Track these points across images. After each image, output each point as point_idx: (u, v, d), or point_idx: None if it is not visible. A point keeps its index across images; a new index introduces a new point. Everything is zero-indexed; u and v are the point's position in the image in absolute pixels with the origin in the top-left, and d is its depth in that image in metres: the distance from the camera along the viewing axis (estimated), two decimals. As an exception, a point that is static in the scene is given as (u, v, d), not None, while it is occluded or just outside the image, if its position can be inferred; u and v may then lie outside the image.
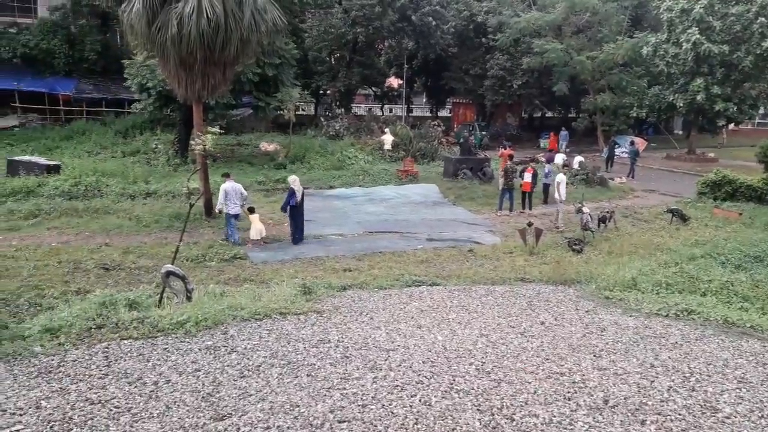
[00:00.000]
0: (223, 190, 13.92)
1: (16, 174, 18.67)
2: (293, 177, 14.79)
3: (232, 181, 14.19)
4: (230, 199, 13.84)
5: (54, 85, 31.66)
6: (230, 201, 13.83)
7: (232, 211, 13.88)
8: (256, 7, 13.79)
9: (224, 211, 13.94)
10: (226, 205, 13.82)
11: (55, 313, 7.79)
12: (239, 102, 25.97)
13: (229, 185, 13.98)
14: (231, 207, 13.84)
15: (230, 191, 13.88)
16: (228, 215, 13.93)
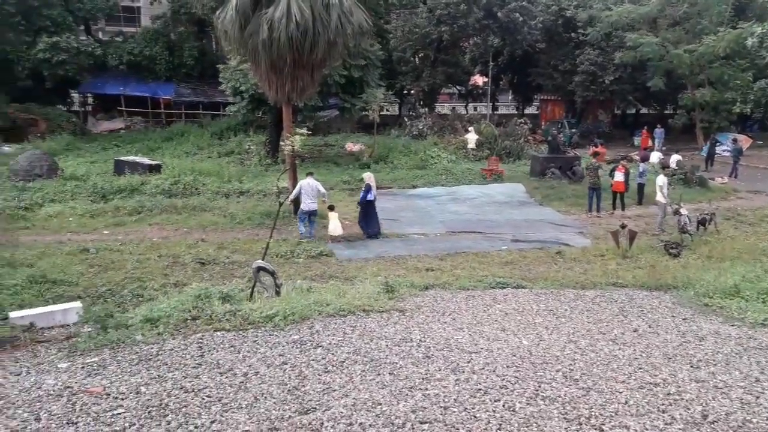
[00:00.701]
0: (299, 185, 14.36)
1: (122, 173, 20.01)
2: (368, 173, 15.05)
3: (311, 179, 14.55)
4: (307, 195, 14.19)
5: (156, 89, 33.66)
6: (306, 197, 14.19)
7: (305, 207, 14.23)
8: (343, 10, 14.03)
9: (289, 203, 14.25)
10: (303, 202, 14.18)
11: (155, 304, 8.29)
12: (326, 104, 26.54)
13: (306, 182, 14.37)
14: (306, 203, 14.19)
15: (306, 188, 14.26)
16: (301, 211, 14.32)
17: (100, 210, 16.33)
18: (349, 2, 14.26)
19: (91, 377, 5.52)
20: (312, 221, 14.44)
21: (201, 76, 34.33)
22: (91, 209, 16.36)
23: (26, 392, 5.22)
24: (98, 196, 17.64)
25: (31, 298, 9.22)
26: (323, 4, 13.77)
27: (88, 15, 33.99)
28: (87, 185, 18.54)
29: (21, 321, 8.06)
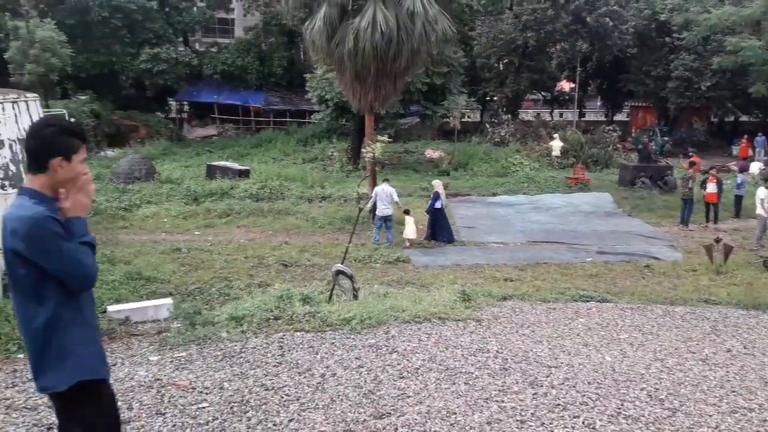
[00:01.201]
0: (375, 192, 14.52)
1: (213, 177, 21.03)
2: (437, 181, 15.23)
3: (386, 185, 14.74)
4: (382, 201, 14.36)
5: (247, 98, 35.13)
6: (381, 203, 14.36)
7: (380, 213, 14.41)
8: (428, 19, 14.13)
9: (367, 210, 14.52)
10: (378, 208, 14.39)
11: (240, 303, 8.63)
12: (407, 111, 26.73)
13: (381, 188, 14.57)
14: (381, 209, 14.37)
15: (381, 194, 14.45)
16: (377, 217, 14.49)
17: (192, 212, 17.22)
18: (434, 11, 14.33)
19: (179, 371, 5.82)
20: (388, 227, 14.60)
21: (289, 85, 35.49)
22: (184, 211, 17.29)
23: (120, 382, 5.57)
24: (191, 198, 18.62)
25: (127, 293, 9.82)
26: (408, 13, 13.93)
27: (187, 27, 36.04)
28: (181, 188, 19.62)
29: (117, 315, 8.62)
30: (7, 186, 9.17)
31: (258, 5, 34.13)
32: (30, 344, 2.69)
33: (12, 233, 2.53)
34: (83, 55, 30.19)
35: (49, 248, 2.53)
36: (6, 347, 7.34)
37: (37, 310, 2.62)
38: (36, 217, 2.52)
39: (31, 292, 2.61)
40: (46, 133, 2.65)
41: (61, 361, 2.67)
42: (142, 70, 31.67)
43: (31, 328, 2.65)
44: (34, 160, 2.66)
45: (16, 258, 2.56)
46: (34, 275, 2.57)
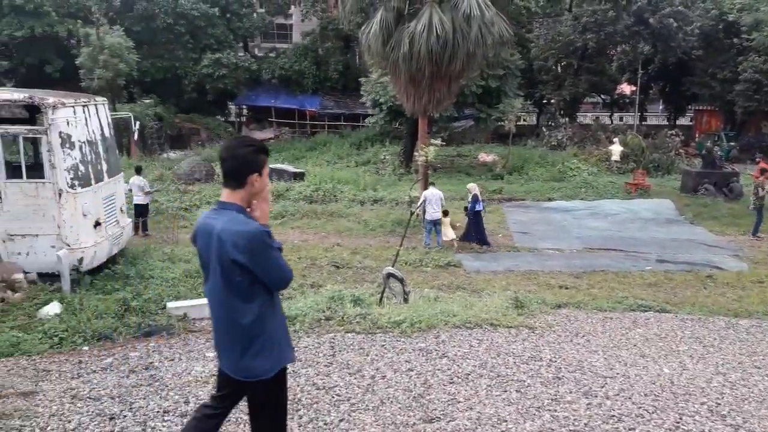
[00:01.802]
0: (424, 195, 14.49)
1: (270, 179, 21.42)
2: (473, 184, 15.10)
3: (434, 188, 14.70)
4: (431, 205, 14.31)
5: (303, 102, 35.74)
6: (430, 206, 14.30)
7: (429, 217, 14.35)
8: (484, 21, 14.02)
9: (420, 216, 14.48)
10: (425, 211, 14.34)
11: (293, 302, 8.77)
12: (461, 114, 26.59)
13: (430, 192, 14.50)
14: (430, 213, 14.31)
15: (430, 197, 14.37)
16: (426, 221, 14.45)
17: (249, 213, 17.64)
18: (491, 13, 14.22)
19: (234, 367, 5.97)
20: (438, 230, 14.58)
21: (344, 89, 35.89)
22: (241, 212, 17.74)
23: (178, 377, 5.77)
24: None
25: (186, 291, 10.12)
26: (464, 16, 13.86)
27: (247, 33, 36.99)
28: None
29: (176, 311, 8.91)
30: (76, 186, 9.63)
31: (315, 11, 34.68)
32: (238, 338, 3.06)
33: (234, 246, 2.89)
34: (149, 61, 31.42)
35: (264, 259, 2.94)
36: (72, 339, 7.73)
37: (247, 309, 3.01)
38: (254, 232, 2.91)
39: (243, 294, 2.99)
40: (244, 153, 3.01)
41: (268, 352, 3.08)
42: (203, 75, 32.68)
43: (239, 324, 3.03)
44: (234, 177, 3.01)
45: (235, 267, 2.92)
46: (249, 280, 2.96)
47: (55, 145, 9.30)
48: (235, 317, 3.03)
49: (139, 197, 14.90)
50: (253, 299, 3.01)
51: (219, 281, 3.01)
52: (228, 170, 3.03)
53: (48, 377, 6.14)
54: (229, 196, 3.03)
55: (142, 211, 14.99)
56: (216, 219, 3.00)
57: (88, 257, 9.72)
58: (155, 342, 7.61)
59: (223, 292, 3.02)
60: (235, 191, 3.02)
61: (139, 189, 14.92)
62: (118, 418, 4.71)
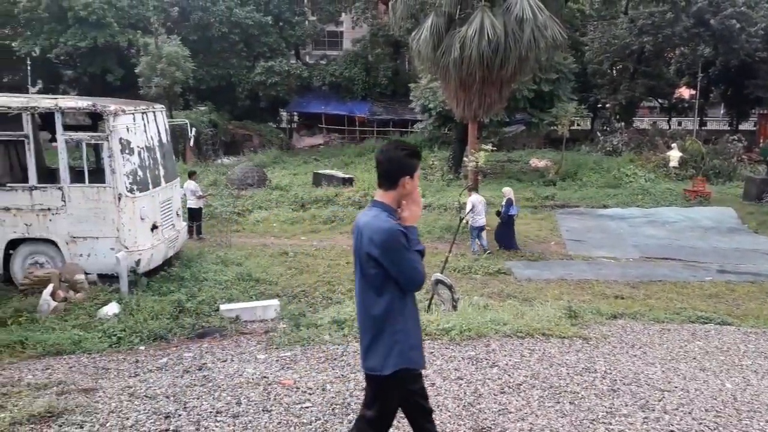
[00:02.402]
0: (470, 202, 14.35)
1: (319, 185, 21.72)
2: (508, 188, 14.97)
3: (478, 195, 14.60)
4: (477, 212, 14.20)
5: (352, 108, 36.05)
6: (477, 213, 14.20)
7: (477, 224, 14.27)
8: (537, 25, 13.82)
9: (470, 223, 14.39)
10: (473, 218, 14.23)
11: (342, 307, 8.82)
12: (512, 119, 26.22)
13: (476, 198, 14.38)
14: (477, 219, 14.23)
15: (477, 204, 14.25)
16: (473, 227, 14.37)
17: (299, 218, 17.86)
18: (544, 16, 13.99)
19: (284, 370, 6.03)
20: (481, 236, 14.49)
21: (393, 94, 36.02)
22: (292, 217, 17.97)
23: (230, 378, 5.86)
24: (298, 205, 19.32)
25: (238, 293, 10.34)
26: (516, 19, 13.69)
27: (298, 41, 37.62)
28: (289, 195, 20.43)
29: (229, 313, 9.10)
30: (135, 190, 9.96)
31: (366, 17, 34.97)
32: (368, 329, 3.22)
33: (370, 240, 3.09)
34: (204, 69, 32.33)
35: (397, 258, 3.10)
36: (130, 339, 7.99)
37: (377, 301, 3.16)
38: (391, 230, 3.09)
39: (376, 287, 3.16)
40: (399, 156, 3.22)
41: (389, 348, 3.17)
42: (256, 82, 33.38)
43: (370, 315, 3.20)
44: (387, 178, 3.23)
45: (370, 260, 3.12)
46: (382, 275, 3.12)
47: (116, 151, 9.66)
48: (367, 309, 3.21)
49: (192, 201, 15.30)
50: (383, 293, 3.15)
51: (358, 272, 3.23)
52: (382, 172, 3.25)
53: (107, 375, 6.36)
54: (381, 195, 3.25)
55: (196, 215, 15.38)
56: (365, 215, 3.25)
57: (145, 260, 10.04)
58: (208, 343, 7.78)
59: (360, 283, 3.24)
60: (387, 192, 3.23)
61: (192, 193, 15.33)
62: (173, 417, 4.82)
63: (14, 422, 4.73)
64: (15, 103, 9.76)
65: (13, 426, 4.68)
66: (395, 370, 3.17)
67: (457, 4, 14.47)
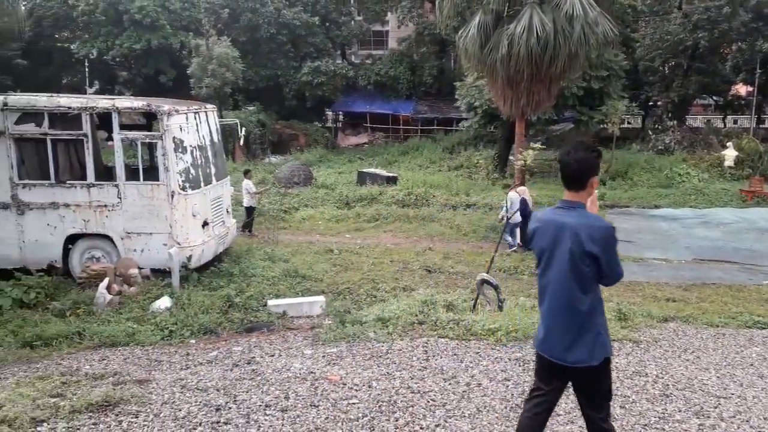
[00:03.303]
0: (509, 199, 14.28)
1: (364, 183, 21.84)
2: (523, 188, 14.99)
3: (514, 192, 14.51)
4: (513, 209, 14.21)
5: (397, 107, 36.09)
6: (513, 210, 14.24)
7: (514, 220, 14.23)
8: (587, 21, 13.54)
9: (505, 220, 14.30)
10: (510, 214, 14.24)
11: (386, 305, 8.85)
12: (561, 117, 25.77)
13: (514, 195, 14.31)
14: (514, 216, 14.21)
15: (516, 202, 14.19)
16: (511, 224, 14.30)
17: (344, 216, 18.01)
18: (595, 13, 13.70)
19: (331, 366, 6.10)
20: (514, 233, 14.52)
21: (438, 93, 35.89)
22: (337, 215, 18.13)
23: (278, 372, 5.97)
24: (343, 203, 19.47)
25: (285, 289, 10.49)
26: (566, 16, 13.45)
27: (345, 41, 37.91)
28: (334, 193, 20.61)
29: (276, 309, 9.26)
30: (187, 188, 10.23)
31: (412, 16, 34.93)
32: (572, 324, 3.41)
33: (590, 238, 3.28)
34: (252, 69, 32.92)
35: (614, 252, 3.35)
36: (181, 332, 8.21)
37: (583, 298, 3.37)
38: (609, 227, 3.34)
39: (584, 284, 3.36)
40: (589, 158, 3.40)
41: (593, 341, 3.40)
42: (303, 82, 33.79)
43: (577, 311, 3.39)
44: (579, 180, 3.41)
45: (586, 257, 3.30)
46: (593, 271, 3.34)
47: (169, 150, 9.94)
48: (573, 305, 3.39)
49: (246, 199, 15.63)
50: (589, 290, 3.37)
51: (565, 270, 3.37)
52: (572, 174, 3.42)
53: (159, 367, 6.56)
54: (573, 196, 3.43)
55: (249, 212, 15.67)
56: (565, 215, 3.40)
57: (197, 255, 10.30)
58: (256, 338, 7.94)
59: (567, 280, 3.38)
60: (578, 192, 3.42)
61: (246, 191, 15.65)
62: (224, 410, 4.94)
63: (74, 410, 4.93)
64: (75, 104, 10.15)
65: (72, 414, 4.89)
66: (601, 360, 3.42)
67: (506, 2, 14.32)
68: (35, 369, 6.69)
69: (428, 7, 36.55)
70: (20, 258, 10.18)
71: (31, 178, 10.20)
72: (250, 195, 15.70)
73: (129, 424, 4.72)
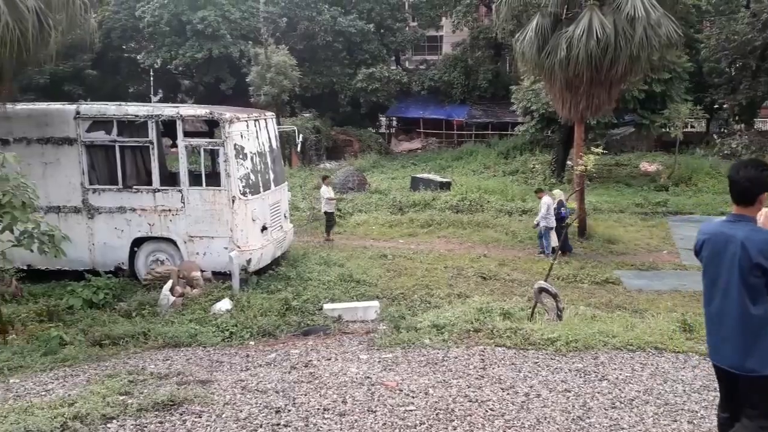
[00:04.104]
0: (544, 204, 14.21)
1: (417, 189, 21.83)
2: (559, 191, 15.03)
3: (549, 196, 14.56)
4: (551, 213, 14.13)
5: (450, 112, 35.92)
6: (550, 215, 14.14)
7: (549, 224, 14.19)
8: (649, 23, 13.13)
9: (541, 225, 14.33)
10: (546, 219, 14.16)
11: (441, 312, 8.80)
12: (621, 120, 25.07)
13: (549, 200, 14.31)
14: (549, 220, 14.17)
15: (551, 205, 14.16)
16: (547, 228, 14.23)
17: (397, 221, 18.05)
18: (658, 14, 13.27)
19: (386, 371, 6.11)
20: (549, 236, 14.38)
21: (492, 97, 35.53)
22: (390, 220, 18.19)
23: (335, 376, 6.02)
24: (396, 208, 19.52)
25: (340, 293, 10.61)
26: (627, 18, 13.09)
27: (399, 47, 38.07)
28: (388, 198, 20.69)
29: (332, 313, 9.37)
30: (247, 193, 10.49)
31: (467, 21, 34.75)
32: (745, 334, 3.46)
33: (760, 252, 3.35)
34: (308, 77, 33.47)
35: None
36: (241, 334, 8.41)
37: (755, 309, 3.42)
38: None
39: (754, 295, 3.41)
40: (760, 175, 3.47)
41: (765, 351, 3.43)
42: (357, 89, 34.12)
43: (749, 321, 3.44)
44: (747, 196, 3.50)
45: (756, 269, 3.37)
46: (763, 283, 3.39)
47: (231, 156, 10.23)
48: (745, 316, 3.44)
49: (324, 204, 15.75)
50: (759, 301, 3.41)
51: (735, 281, 3.44)
52: (742, 191, 3.51)
53: (220, 368, 6.73)
54: (742, 210, 3.53)
55: (328, 217, 15.75)
56: (734, 228, 3.50)
57: (255, 259, 10.55)
58: (313, 341, 8.05)
59: (737, 292, 3.44)
60: (747, 207, 3.51)
61: (323, 197, 15.76)
62: (283, 412, 5.02)
63: (141, 408, 5.12)
64: (142, 112, 10.59)
65: (140, 412, 5.07)
66: None
67: (564, 4, 14.04)
68: (104, 367, 6.98)
69: (483, 11, 36.29)
70: (90, 260, 10.68)
71: (101, 183, 10.68)
72: (327, 201, 15.68)
73: (193, 423, 4.85)
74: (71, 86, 31.83)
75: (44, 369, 6.97)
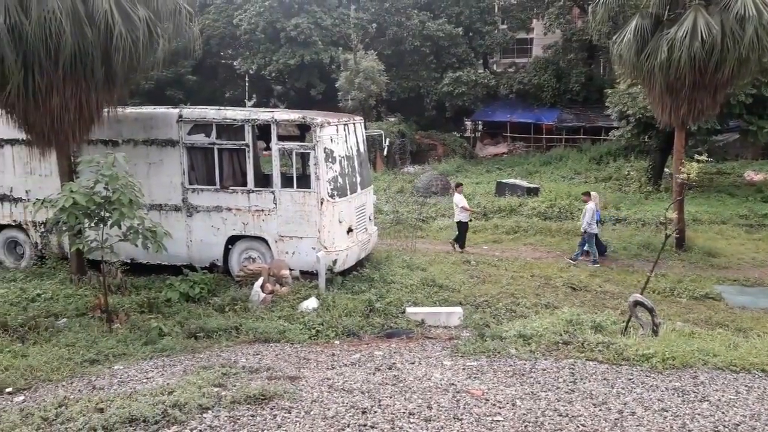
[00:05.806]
0: (591, 210, 13.87)
1: (502, 194, 21.42)
2: (595, 193, 14.75)
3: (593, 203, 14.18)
4: (594, 219, 13.93)
5: (539, 116, 35.05)
6: (594, 220, 13.92)
7: (593, 230, 13.97)
8: (761, 23, 12.25)
9: (588, 231, 13.94)
10: (590, 225, 13.85)
11: (527, 321, 8.60)
12: (724, 126, 23.49)
13: (593, 205, 14.02)
14: (593, 226, 13.92)
15: (595, 210, 14.01)
16: (591, 234, 13.93)
17: (481, 227, 17.79)
18: (776, 13, 12.36)
19: (471, 379, 6.04)
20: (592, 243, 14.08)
21: (585, 100, 34.36)
22: (474, 225, 17.95)
23: (419, 381, 6.02)
24: (481, 214, 19.25)
25: (422, 298, 10.58)
26: (737, 18, 12.27)
27: (487, 50, 37.61)
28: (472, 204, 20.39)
29: (414, 317, 9.38)
30: (335, 195, 10.71)
31: (560, 23, 33.83)
32: None
33: None
34: (395, 81, 33.75)
35: None
36: (326, 333, 8.58)
37: None
38: None
39: None
40: None
41: None
42: (443, 93, 34.00)
43: None
44: None
45: None
46: None
47: (320, 159, 10.48)
48: None
49: (457, 214, 15.03)
50: None
51: None
52: None
53: (307, 365, 6.90)
54: None
55: (460, 227, 15.04)
56: None
57: (341, 260, 10.74)
58: (396, 344, 8.09)
59: None
60: None
61: (456, 206, 15.08)
62: (369, 413, 5.08)
63: (234, 401, 5.34)
64: (240, 116, 11.05)
65: (233, 404, 5.29)
66: None
67: (666, 5, 13.36)
68: (199, 359, 7.34)
69: (576, 13, 35.17)
70: (187, 256, 11.25)
71: (199, 183, 11.23)
72: (461, 210, 14.98)
73: (283, 419, 5.00)
74: (173, 91, 33.75)
75: (145, 357, 7.42)
